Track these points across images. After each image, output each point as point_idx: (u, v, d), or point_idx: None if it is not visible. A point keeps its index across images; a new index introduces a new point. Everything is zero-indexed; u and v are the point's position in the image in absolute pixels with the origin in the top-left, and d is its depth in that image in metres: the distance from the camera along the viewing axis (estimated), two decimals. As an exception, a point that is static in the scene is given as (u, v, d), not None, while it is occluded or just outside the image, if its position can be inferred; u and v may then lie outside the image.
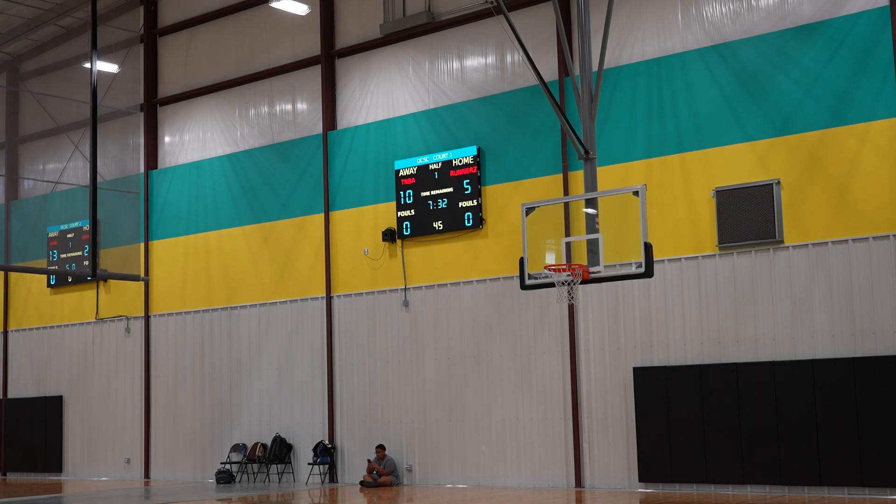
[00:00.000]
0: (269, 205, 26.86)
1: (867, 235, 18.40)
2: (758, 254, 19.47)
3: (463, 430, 22.97)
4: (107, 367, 30.06)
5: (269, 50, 27.35)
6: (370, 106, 25.31)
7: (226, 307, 27.44)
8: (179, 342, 28.38)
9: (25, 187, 33.08)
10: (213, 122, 28.39)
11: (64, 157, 31.61)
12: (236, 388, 27.04)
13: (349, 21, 25.93)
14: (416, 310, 23.93)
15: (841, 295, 18.61)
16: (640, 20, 21.32)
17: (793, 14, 19.56)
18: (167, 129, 29.53)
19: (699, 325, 20.04)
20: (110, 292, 30.22)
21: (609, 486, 20.79)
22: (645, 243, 16.07)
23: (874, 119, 18.42)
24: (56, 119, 31.70)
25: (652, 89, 20.96)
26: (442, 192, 23.55)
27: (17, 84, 33.25)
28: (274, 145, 26.93)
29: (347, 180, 25.41)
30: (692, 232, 20.21)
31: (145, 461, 28.76)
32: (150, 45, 29.89)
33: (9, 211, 33.24)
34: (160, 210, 29.27)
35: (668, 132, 20.69)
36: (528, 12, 22.71)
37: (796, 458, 18.56)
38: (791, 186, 19.14)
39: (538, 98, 22.16)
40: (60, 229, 31.27)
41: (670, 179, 20.51)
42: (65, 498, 24.15)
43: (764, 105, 19.62)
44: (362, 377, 24.71)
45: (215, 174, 28.06)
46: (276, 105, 27.13)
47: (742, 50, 19.99)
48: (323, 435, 25.27)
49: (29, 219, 32.55)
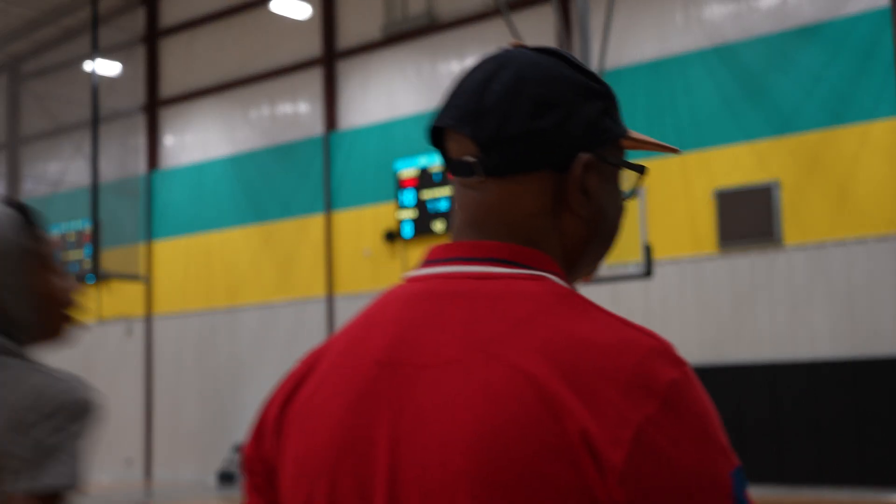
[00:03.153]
0: (270, 205, 26.91)
1: (867, 236, 18.43)
2: (758, 254, 19.50)
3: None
4: (108, 368, 30.11)
5: (270, 51, 27.40)
6: (371, 107, 25.36)
7: (227, 307, 27.49)
8: (180, 342, 28.43)
9: (26, 188, 33.14)
10: (215, 123, 28.43)
11: (65, 157, 31.67)
12: (238, 388, 27.08)
13: (350, 22, 25.98)
14: (417, 310, 23.97)
15: (841, 296, 18.65)
16: (640, 21, 21.36)
17: (793, 15, 19.59)
18: (168, 130, 29.58)
19: (699, 326, 20.08)
20: (112, 293, 30.27)
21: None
22: (645, 244, 16.11)
23: (874, 119, 18.46)
24: (57, 120, 31.76)
25: (652, 90, 21.00)
26: (442, 192, 23.60)
27: (17, 85, 33.30)
28: (275, 146, 26.98)
29: (348, 181, 25.46)
30: (692, 232, 20.25)
31: (146, 461, 28.81)
32: (151, 47, 29.94)
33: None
34: (161, 211, 29.32)
35: (667, 132, 20.73)
36: (528, 13, 22.75)
37: (796, 458, 18.59)
38: (791, 187, 19.18)
39: (538, 99, 22.20)
40: (61, 230, 31.33)
41: (670, 180, 20.55)
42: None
43: (764, 105, 19.66)
44: (363, 378, 24.74)
45: (216, 175, 28.11)
46: (277, 106, 27.18)
47: (742, 51, 20.03)
48: (324, 435, 25.30)
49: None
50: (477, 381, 1.05)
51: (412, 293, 1.16)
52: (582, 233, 1.19)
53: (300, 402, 1.18)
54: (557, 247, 1.18)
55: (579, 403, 0.99)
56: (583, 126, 1.18)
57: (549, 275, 1.15)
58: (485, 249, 1.15)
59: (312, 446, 1.14)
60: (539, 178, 1.16)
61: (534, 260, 1.15)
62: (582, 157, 1.16)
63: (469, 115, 1.17)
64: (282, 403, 1.21)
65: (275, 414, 1.21)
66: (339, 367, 1.16)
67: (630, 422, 0.98)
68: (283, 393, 1.21)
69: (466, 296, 1.12)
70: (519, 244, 1.17)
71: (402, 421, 1.08)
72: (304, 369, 1.21)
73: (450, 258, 1.17)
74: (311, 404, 1.17)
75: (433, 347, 1.10)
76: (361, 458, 1.10)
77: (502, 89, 1.16)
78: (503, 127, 1.15)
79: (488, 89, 1.17)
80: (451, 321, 1.10)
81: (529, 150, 1.15)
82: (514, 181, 1.16)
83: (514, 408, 1.01)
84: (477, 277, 1.14)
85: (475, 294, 1.12)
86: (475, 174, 1.17)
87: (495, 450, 1.01)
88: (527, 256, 1.15)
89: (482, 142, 1.16)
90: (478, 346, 1.07)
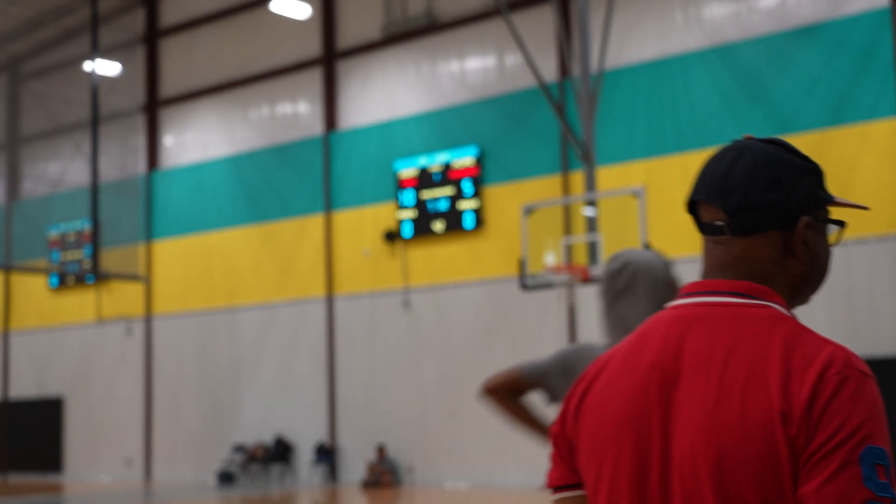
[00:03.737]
0: (269, 205, 26.90)
1: (867, 236, 18.43)
2: (757, 254, 19.50)
3: (463, 430, 23.01)
4: (108, 368, 30.10)
5: (270, 51, 27.39)
6: (371, 107, 25.35)
7: (227, 308, 27.48)
8: (180, 343, 28.42)
9: (26, 188, 33.13)
10: (214, 123, 28.42)
11: (65, 157, 31.67)
12: (237, 388, 27.08)
13: (350, 22, 25.97)
14: (417, 310, 23.97)
15: (841, 296, 18.64)
16: (640, 21, 21.35)
17: (793, 15, 19.59)
18: (168, 130, 29.56)
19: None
20: (111, 293, 30.26)
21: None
22: (644, 244, 16.10)
23: (874, 119, 18.46)
24: (57, 120, 31.75)
25: (652, 90, 20.99)
26: (442, 192, 23.59)
27: (17, 85, 33.30)
28: (274, 146, 26.97)
29: (348, 181, 25.45)
30: (692, 232, 20.24)
31: (146, 461, 28.81)
32: (151, 47, 29.93)
33: (10, 211, 33.29)
34: (161, 211, 29.31)
35: (667, 133, 20.73)
36: (528, 14, 22.74)
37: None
38: (791, 187, 19.19)
39: (538, 99, 22.20)
40: (61, 230, 31.32)
41: (670, 180, 20.54)
42: (65, 498, 24.19)
43: (764, 105, 19.66)
44: (363, 377, 24.74)
45: (216, 175, 28.10)
46: (276, 106, 27.17)
47: (742, 51, 20.02)
48: (323, 435, 25.31)
49: (30, 219, 32.60)
50: (709, 377, 1.55)
51: (675, 316, 1.66)
52: (802, 272, 1.68)
53: (592, 396, 1.70)
54: (783, 284, 1.67)
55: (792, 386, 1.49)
56: (803, 197, 1.66)
57: (774, 304, 1.63)
58: (728, 286, 1.65)
59: (602, 427, 1.65)
60: (770, 235, 1.66)
61: (763, 294, 1.64)
62: (803, 219, 1.65)
63: (718, 191, 1.67)
64: (580, 396, 1.73)
65: (575, 404, 1.73)
66: (622, 369, 1.67)
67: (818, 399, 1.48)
68: (581, 388, 1.74)
69: (713, 318, 1.62)
70: (754, 282, 1.66)
71: (668, 409, 1.59)
72: (596, 371, 1.73)
73: (702, 292, 1.67)
74: (601, 397, 1.67)
75: (688, 354, 1.60)
76: (639, 434, 1.60)
77: (743, 172, 1.65)
78: (745, 200, 1.64)
79: (732, 173, 1.66)
80: (700, 335, 1.61)
81: (764, 216, 1.65)
82: (752, 238, 1.66)
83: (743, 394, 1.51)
84: (721, 305, 1.63)
85: (719, 316, 1.62)
86: (724, 234, 1.67)
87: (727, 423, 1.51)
88: (758, 291, 1.64)
89: (729, 211, 1.66)
90: (719, 352, 1.57)
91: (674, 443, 1.57)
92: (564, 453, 1.75)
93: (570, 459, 1.74)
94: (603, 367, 1.72)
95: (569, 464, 1.75)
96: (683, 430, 1.55)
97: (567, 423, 1.74)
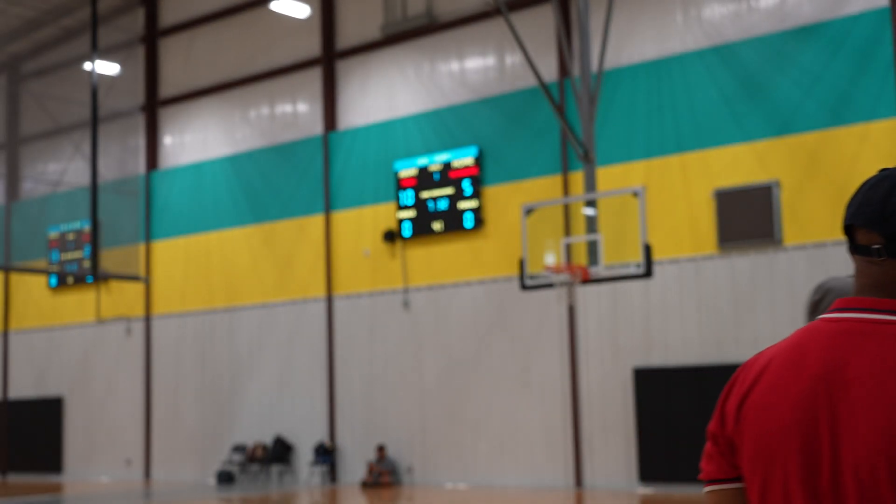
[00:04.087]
0: (269, 205, 26.89)
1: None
2: (757, 254, 19.49)
3: (463, 431, 23.00)
4: (107, 368, 30.09)
5: (270, 51, 27.38)
6: (370, 107, 25.34)
7: (226, 308, 27.47)
8: (180, 343, 28.41)
9: (26, 188, 33.12)
10: (214, 123, 28.41)
11: (64, 157, 31.65)
12: (237, 388, 27.07)
13: (349, 22, 25.96)
14: (417, 310, 23.96)
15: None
16: (640, 21, 21.35)
17: (793, 15, 19.59)
18: (168, 130, 29.56)
19: (699, 326, 20.07)
20: (111, 293, 30.26)
21: (609, 486, 20.82)
22: (644, 244, 16.10)
23: (874, 119, 18.46)
24: (56, 120, 31.74)
25: (652, 90, 20.99)
26: (442, 192, 23.59)
27: (17, 85, 33.29)
28: (274, 146, 26.96)
29: (348, 181, 25.44)
30: (692, 232, 20.24)
31: (146, 461, 28.79)
32: (150, 47, 29.92)
33: (9, 212, 33.28)
34: (161, 211, 29.30)
35: (667, 133, 20.72)
36: (528, 13, 22.74)
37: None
38: (791, 187, 19.17)
39: (538, 99, 22.19)
40: (61, 230, 31.31)
41: (670, 180, 20.53)
42: (65, 498, 24.18)
43: (764, 105, 19.65)
44: (362, 377, 24.73)
45: (216, 175, 28.09)
46: (276, 106, 27.17)
47: (742, 51, 20.02)
48: (323, 435, 25.30)
49: (29, 219, 32.59)
50: (884, 389, 1.69)
51: (836, 329, 1.83)
52: None
53: (754, 399, 1.84)
54: None
55: None
56: None
57: None
58: (884, 304, 1.81)
59: (768, 431, 1.79)
60: None
61: None
62: None
63: (876, 218, 1.84)
64: (740, 398, 1.87)
65: (735, 405, 1.87)
66: (783, 377, 1.82)
67: None
68: (741, 391, 1.88)
69: (873, 334, 1.78)
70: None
71: (836, 415, 1.72)
72: (755, 375, 1.87)
73: (858, 308, 1.83)
74: (764, 402, 1.82)
75: (855, 366, 1.75)
76: (806, 438, 1.74)
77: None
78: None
79: (889, 200, 1.83)
80: (863, 349, 1.76)
81: None
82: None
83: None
84: (879, 322, 1.79)
85: (879, 333, 1.78)
86: (880, 256, 1.84)
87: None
88: None
89: (886, 235, 1.82)
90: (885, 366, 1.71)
91: (844, 447, 1.72)
92: (725, 450, 1.91)
93: (729, 456, 1.90)
94: (762, 371, 1.87)
95: (728, 460, 1.91)
96: (857, 436, 1.71)
97: (728, 422, 1.90)
